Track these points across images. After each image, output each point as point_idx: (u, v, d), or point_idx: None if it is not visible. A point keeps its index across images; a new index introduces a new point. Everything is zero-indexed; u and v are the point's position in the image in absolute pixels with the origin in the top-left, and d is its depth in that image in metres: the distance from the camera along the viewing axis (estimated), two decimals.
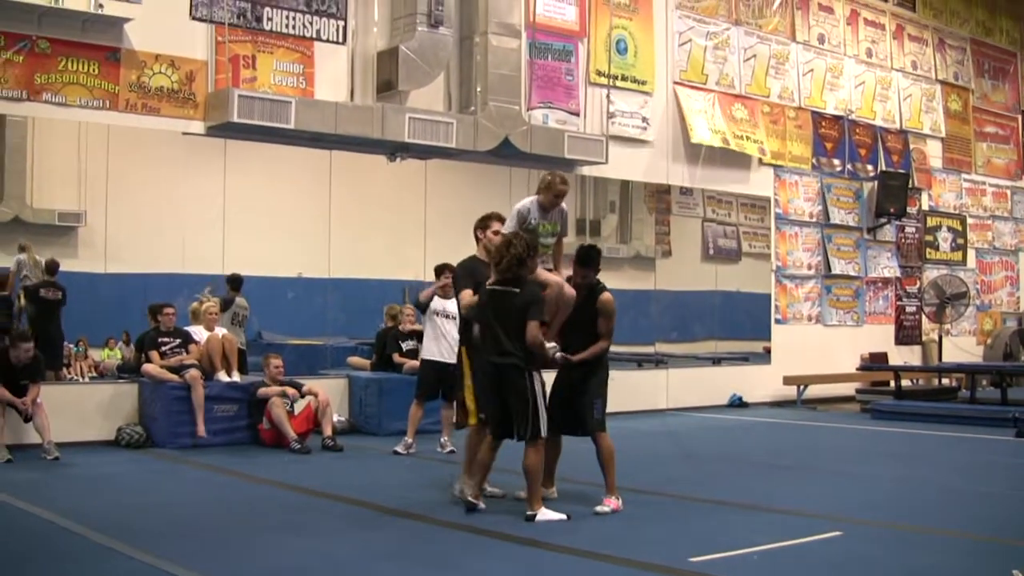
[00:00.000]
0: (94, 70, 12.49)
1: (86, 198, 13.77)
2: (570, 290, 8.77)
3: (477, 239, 9.39)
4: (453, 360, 11.91)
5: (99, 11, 12.34)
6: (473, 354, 8.87)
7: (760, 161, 19.17)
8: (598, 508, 8.56)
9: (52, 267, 13.02)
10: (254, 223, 14.99)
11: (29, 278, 12.97)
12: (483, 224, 9.45)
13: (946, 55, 23.65)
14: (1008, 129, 25.41)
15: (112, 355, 13.95)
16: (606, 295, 8.87)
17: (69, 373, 13.19)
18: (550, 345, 8.55)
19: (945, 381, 20.42)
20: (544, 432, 8.26)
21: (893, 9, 22.37)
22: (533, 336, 8.21)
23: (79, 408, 12.31)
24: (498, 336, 8.33)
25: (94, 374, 13.49)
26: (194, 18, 13.25)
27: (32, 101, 12.11)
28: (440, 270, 12.31)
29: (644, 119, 17.29)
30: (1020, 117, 25.78)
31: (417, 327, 13.63)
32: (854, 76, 21.31)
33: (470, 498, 8.54)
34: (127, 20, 12.61)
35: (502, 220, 9.25)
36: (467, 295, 8.91)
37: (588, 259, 8.94)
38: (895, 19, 22.41)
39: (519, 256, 8.27)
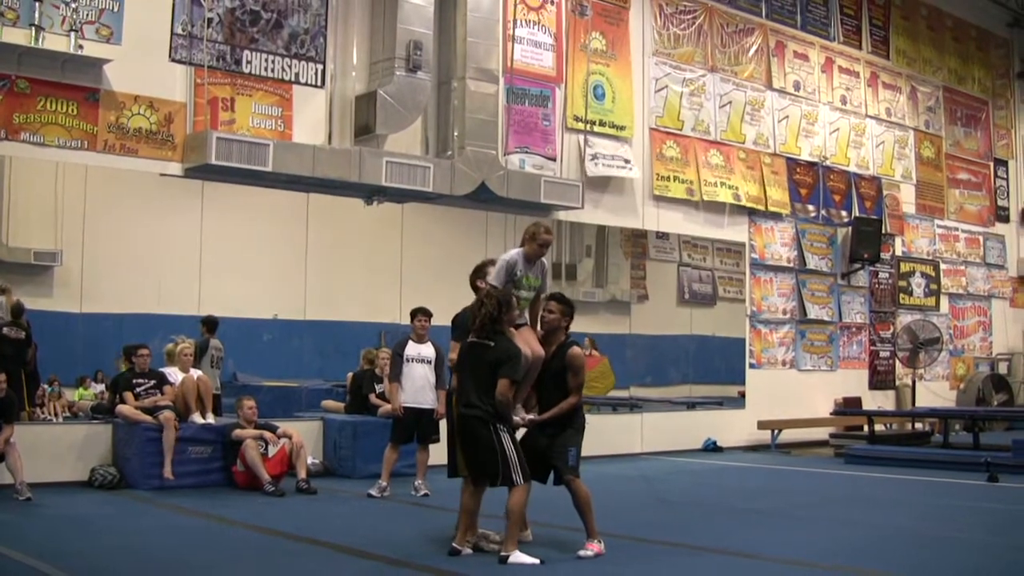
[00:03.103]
0: (73, 110, 12.51)
1: (62, 238, 13.78)
2: (538, 351, 8.79)
3: (476, 288, 9.43)
4: (428, 404, 12.02)
5: (79, 52, 12.39)
6: None
7: (738, 207, 19.28)
8: (581, 552, 8.54)
9: (17, 309, 12.89)
10: (231, 264, 15.01)
11: (3, 317, 12.91)
12: (480, 273, 9.54)
13: (919, 103, 23.90)
14: (980, 176, 25.67)
15: (86, 395, 13.90)
16: (575, 349, 8.85)
17: (43, 413, 13.13)
18: (517, 418, 8.60)
19: (919, 426, 20.52)
20: (520, 480, 8.26)
21: (867, 57, 22.62)
22: (503, 393, 8.25)
23: (52, 448, 12.23)
24: (468, 388, 8.41)
25: (68, 414, 13.42)
26: (173, 60, 13.30)
27: (10, 140, 12.12)
28: (415, 314, 12.36)
29: (626, 160, 17.38)
30: (992, 164, 26.04)
31: None
32: (829, 123, 21.52)
33: (454, 543, 8.55)
34: (106, 61, 12.65)
35: (495, 264, 9.34)
36: (456, 347, 9.00)
37: (566, 301, 9.01)
38: (869, 67, 22.65)
39: (491, 315, 8.37)
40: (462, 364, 8.62)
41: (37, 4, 12.15)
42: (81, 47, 12.43)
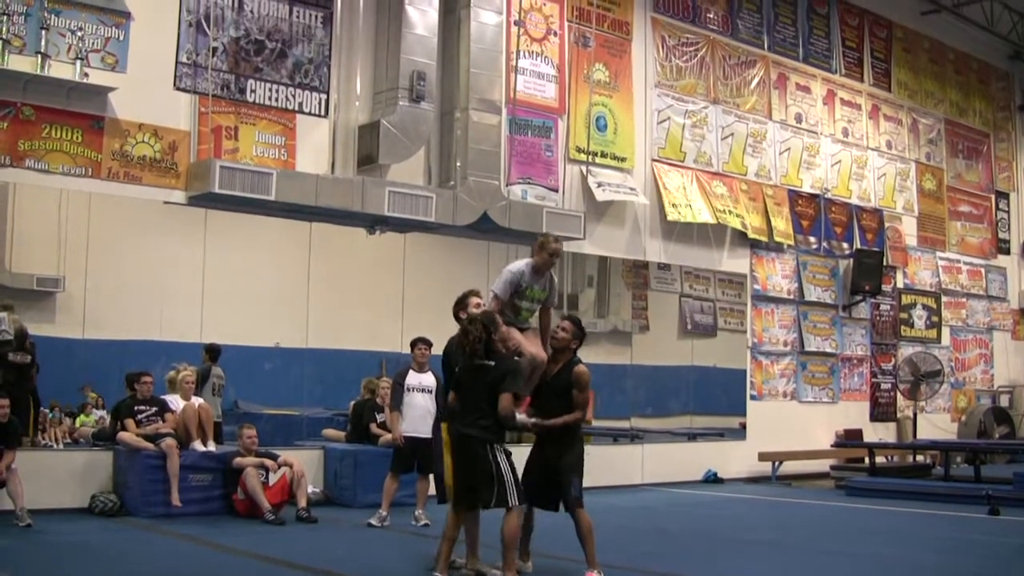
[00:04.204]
0: (77, 138, 12.56)
1: (65, 263, 13.80)
2: (541, 354, 8.87)
3: (460, 320, 9.45)
4: (428, 434, 11.99)
5: (84, 80, 12.44)
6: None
7: (740, 239, 19.34)
8: None
9: (21, 333, 12.89)
10: (233, 292, 15.04)
11: (7, 332, 12.86)
12: (461, 305, 9.57)
13: (920, 135, 23.97)
14: (982, 208, 25.73)
15: (87, 421, 13.90)
16: (581, 367, 8.95)
17: (44, 439, 13.12)
18: (521, 417, 8.63)
19: (920, 458, 20.46)
20: (514, 501, 8.26)
21: (869, 89, 22.71)
22: (505, 407, 8.27)
23: (53, 475, 12.22)
24: (466, 409, 8.42)
25: (69, 440, 13.42)
26: (178, 88, 13.35)
27: (15, 167, 12.16)
28: (415, 343, 12.38)
29: (632, 188, 17.43)
30: (993, 197, 26.11)
31: None
32: (830, 155, 21.59)
33: (436, 572, 8.53)
34: (111, 89, 12.70)
35: (478, 294, 9.37)
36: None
37: (579, 324, 9.09)
38: (871, 99, 22.74)
39: (480, 338, 8.38)
40: (460, 386, 8.64)
41: (43, 32, 12.22)
42: (86, 75, 12.49)
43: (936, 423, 23.25)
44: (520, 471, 8.60)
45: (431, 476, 11.94)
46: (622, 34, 17.85)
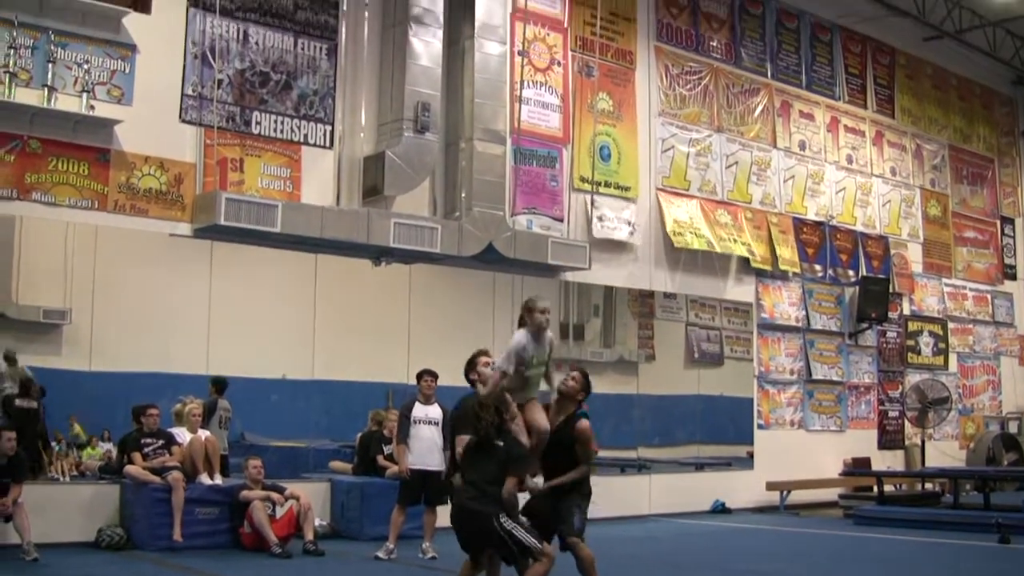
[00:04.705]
0: (84, 170, 12.59)
1: (72, 296, 13.77)
2: (544, 425, 8.72)
3: (471, 382, 9.45)
4: (435, 466, 11.96)
5: (90, 112, 12.50)
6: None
7: (746, 267, 19.33)
8: None
9: (26, 381, 12.88)
10: (239, 324, 15.00)
11: (10, 387, 12.87)
12: (472, 366, 9.58)
13: (924, 161, 23.98)
14: (987, 234, 25.72)
15: (93, 454, 13.87)
16: (583, 423, 8.74)
17: (51, 471, 13.08)
18: (531, 483, 8.59)
19: (928, 486, 20.39)
20: (537, 546, 8.14)
21: (872, 116, 22.73)
22: (510, 489, 8.20)
23: (60, 508, 12.19)
24: (473, 482, 8.30)
25: (76, 472, 13.38)
26: (184, 121, 13.38)
27: (22, 200, 12.18)
28: (421, 375, 12.37)
29: (629, 223, 17.44)
30: (999, 222, 26.10)
31: None
32: (835, 182, 21.59)
33: None
34: (117, 122, 12.74)
35: (487, 353, 9.35)
36: (462, 441, 9.05)
37: (587, 377, 9.01)
38: (875, 126, 22.75)
39: (493, 423, 8.30)
40: (468, 462, 8.55)
41: (50, 65, 12.28)
42: (92, 108, 12.54)
43: (944, 450, 23.17)
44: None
45: (438, 508, 11.94)
46: (626, 63, 17.89)
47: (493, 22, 15.55)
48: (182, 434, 13.15)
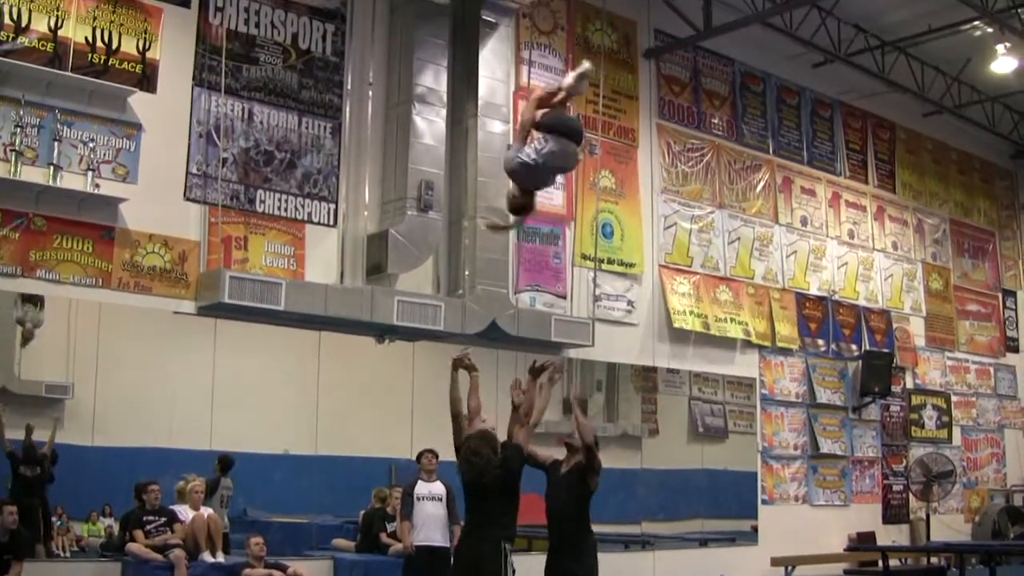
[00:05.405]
0: (88, 248, 12.64)
1: (74, 371, 13.78)
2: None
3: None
4: (440, 542, 11.97)
5: (95, 191, 12.57)
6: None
7: (748, 342, 19.34)
8: None
9: (29, 452, 12.87)
10: (242, 399, 14.99)
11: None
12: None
13: (926, 235, 24.07)
14: (989, 307, 25.73)
15: (94, 530, 13.81)
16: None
17: (52, 546, 13.02)
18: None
19: (934, 560, 20.27)
20: None
21: (874, 191, 22.85)
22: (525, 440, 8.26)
23: None
24: (483, 520, 8.31)
25: (76, 548, 13.32)
26: (188, 199, 13.45)
27: (26, 277, 12.22)
28: (421, 453, 12.40)
29: (630, 302, 17.50)
30: (1000, 295, 26.14)
31: None
32: (837, 257, 21.66)
33: None
34: (122, 200, 12.81)
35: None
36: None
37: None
38: (876, 200, 22.86)
39: (489, 459, 8.30)
40: (473, 504, 8.55)
41: (56, 143, 12.37)
42: (98, 186, 12.61)
43: (949, 524, 23.04)
44: None
45: None
46: (628, 141, 18.02)
47: (496, 101, 15.70)
48: (184, 511, 13.12)
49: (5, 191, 12.09)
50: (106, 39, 12.93)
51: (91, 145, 12.69)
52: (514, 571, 8.24)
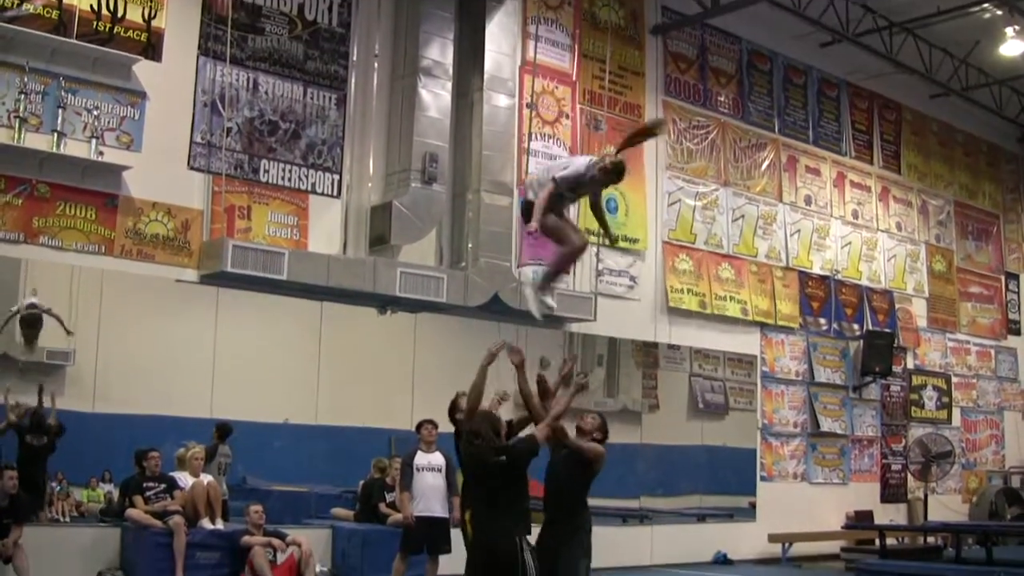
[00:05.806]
0: (91, 215, 12.67)
1: (76, 337, 13.81)
2: (583, 240, 9.39)
3: (456, 422, 9.65)
4: (440, 513, 11.99)
5: (99, 158, 12.58)
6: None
7: (748, 321, 19.36)
8: None
9: (37, 420, 12.92)
10: (243, 368, 15.02)
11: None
12: (455, 407, 9.82)
13: (930, 217, 24.06)
14: (992, 289, 25.75)
15: (94, 496, 13.86)
16: (599, 447, 9.18)
17: (50, 512, 13.08)
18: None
19: (931, 540, 20.34)
20: None
21: (879, 172, 22.84)
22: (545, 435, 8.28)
23: (60, 551, 12.17)
24: (490, 515, 8.18)
25: (76, 514, 13.37)
26: (192, 168, 13.49)
27: (29, 244, 12.26)
28: (421, 424, 12.42)
29: (633, 278, 17.53)
30: (1003, 278, 26.14)
31: None
32: (840, 237, 21.67)
33: None
34: (126, 168, 12.83)
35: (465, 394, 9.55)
36: None
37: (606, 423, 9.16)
38: (880, 181, 22.85)
39: (491, 439, 8.19)
40: (476, 495, 8.48)
41: (60, 111, 12.38)
42: (101, 153, 12.63)
43: (947, 504, 23.09)
44: None
45: (440, 558, 11.95)
46: (633, 117, 17.98)
47: (502, 75, 15.71)
48: (184, 478, 13.17)
49: (8, 158, 12.10)
50: (111, 7, 12.92)
51: (95, 113, 12.68)
52: (533, 567, 8.04)
